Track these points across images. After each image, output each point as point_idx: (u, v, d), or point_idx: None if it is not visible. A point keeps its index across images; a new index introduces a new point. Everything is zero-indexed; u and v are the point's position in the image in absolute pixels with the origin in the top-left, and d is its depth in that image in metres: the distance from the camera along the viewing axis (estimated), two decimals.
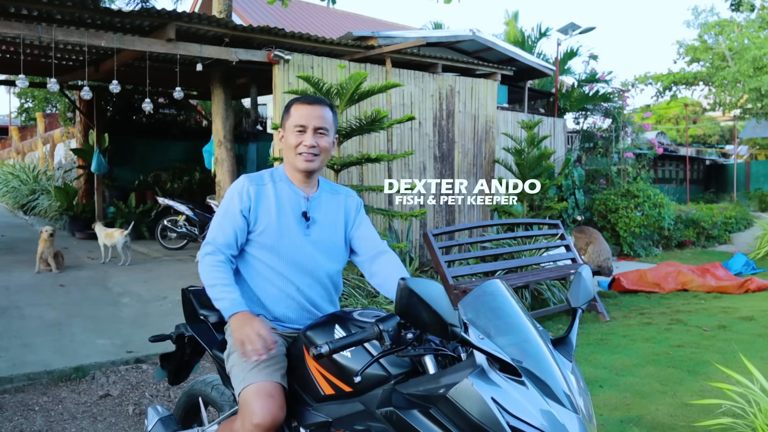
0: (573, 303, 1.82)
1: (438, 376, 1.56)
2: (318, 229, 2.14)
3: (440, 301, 1.45)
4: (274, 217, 2.09)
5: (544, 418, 1.42)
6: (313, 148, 2.10)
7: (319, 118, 2.11)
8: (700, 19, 21.73)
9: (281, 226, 2.08)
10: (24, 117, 20.44)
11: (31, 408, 3.78)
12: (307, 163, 2.11)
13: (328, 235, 2.17)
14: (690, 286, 7.54)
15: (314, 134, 2.11)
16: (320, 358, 1.59)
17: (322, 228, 2.15)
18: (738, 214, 13.16)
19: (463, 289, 5.37)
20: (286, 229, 2.09)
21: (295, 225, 2.10)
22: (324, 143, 2.13)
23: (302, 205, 2.14)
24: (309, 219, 2.12)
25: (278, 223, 2.08)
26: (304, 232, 2.11)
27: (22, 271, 7.43)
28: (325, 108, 2.14)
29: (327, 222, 2.17)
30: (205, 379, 2.61)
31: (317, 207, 2.17)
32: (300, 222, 2.11)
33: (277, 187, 2.14)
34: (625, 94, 12.05)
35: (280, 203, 2.11)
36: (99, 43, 5.73)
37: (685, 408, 3.68)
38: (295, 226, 2.10)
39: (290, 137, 2.13)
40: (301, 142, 2.10)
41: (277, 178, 2.17)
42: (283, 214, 2.10)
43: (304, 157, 2.10)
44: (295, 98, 2.19)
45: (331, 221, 2.19)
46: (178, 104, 12.29)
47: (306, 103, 2.13)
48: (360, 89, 5.60)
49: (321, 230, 2.15)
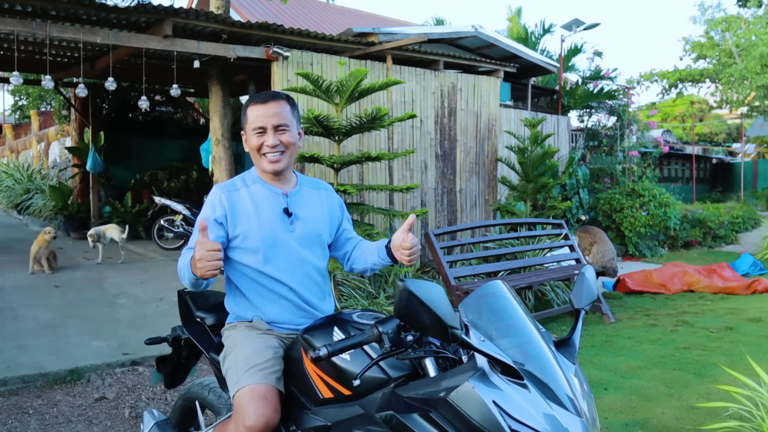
0: (576, 304, 1.80)
1: (438, 379, 1.55)
2: (302, 224, 2.12)
3: (440, 303, 1.44)
4: (254, 220, 2.06)
5: (546, 421, 1.41)
6: (276, 146, 2.08)
7: (276, 115, 2.08)
8: (706, 15, 21.62)
9: (263, 228, 2.06)
10: (18, 115, 20.47)
11: (26, 411, 3.75)
12: (274, 164, 2.09)
13: (313, 229, 2.15)
14: (696, 287, 7.51)
15: (275, 132, 2.08)
16: (319, 360, 1.58)
17: (306, 223, 2.14)
18: (745, 213, 13.08)
19: (465, 290, 5.34)
20: (269, 229, 2.07)
21: (278, 223, 2.09)
22: (287, 138, 2.10)
23: (282, 202, 2.12)
24: (291, 215, 2.11)
25: (260, 225, 2.06)
26: (288, 229, 2.09)
27: (17, 272, 7.39)
28: (281, 103, 2.10)
29: (310, 217, 2.16)
30: (201, 382, 2.59)
31: (298, 202, 2.15)
32: (282, 219, 2.09)
33: (250, 190, 2.12)
34: (630, 91, 12.00)
35: (257, 205, 2.09)
36: (94, 39, 5.69)
37: (692, 411, 3.66)
38: (278, 225, 2.09)
39: (252, 140, 2.11)
40: (262, 143, 2.08)
41: (250, 181, 2.15)
42: (263, 215, 2.08)
43: (269, 158, 2.09)
44: (249, 99, 2.16)
45: (314, 216, 2.17)
46: (175, 102, 12.17)
47: (260, 103, 2.10)
48: (360, 86, 5.57)
49: (305, 225, 2.13)
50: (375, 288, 6.16)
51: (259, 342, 2.04)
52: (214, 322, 2.37)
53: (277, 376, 1.97)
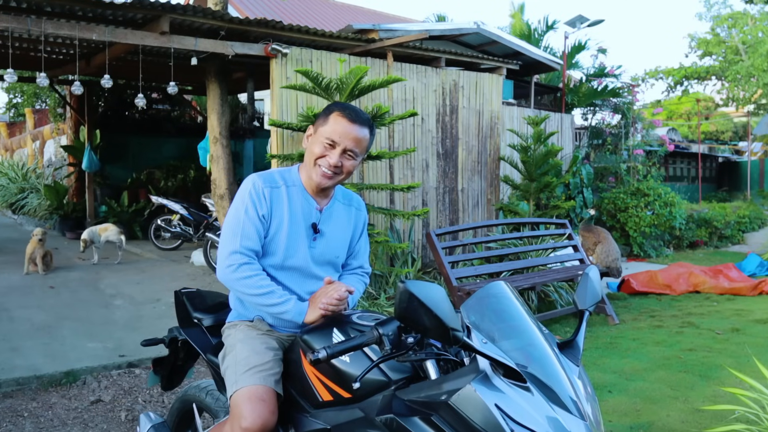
0: (580, 305, 1.79)
1: (440, 381, 1.54)
2: (324, 242, 2.10)
3: (441, 305, 1.43)
4: (284, 224, 2.04)
5: (549, 425, 1.40)
6: (337, 168, 2.01)
7: (355, 140, 2.01)
8: (712, 12, 21.58)
9: (290, 235, 2.04)
10: (12, 113, 20.45)
11: (20, 414, 3.73)
12: (323, 179, 2.03)
13: (332, 249, 2.14)
14: (702, 288, 7.48)
15: (342, 154, 2.01)
16: (318, 363, 1.58)
17: (328, 242, 2.12)
18: (752, 213, 13.04)
19: (467, 291, 5.31)
20: (294, 238, 2.05)
21: (303, 236, 2.07)
22: (349, 165, 2.04)
23: (313, 216, 2.09)
24: (318, 231, 2.08)
25: (288, 231, 2.04)
26: (309, 244, 2.07)
27: (11, 273, 7.34)
28: (365, 129, 2.04)
29: (334, 236, 2.14)
30: (199, 385, 2.57)
31: (328, 219, 2.13)
32: (308, 233, 2.07)
33: (290, 192, 2.07)
34: (635, 89, 12.02)
35: (292, 210, 2.06)
36: (90, 36, 5.66)
37: (697, 414, 3.65)
38: (303, 237, 2.07)
39: (316, 146, 2.03)
40: (325, 156, 2.01)
41: (290, 182, 2.09)
42: (294, 223, 2.05)
43: (322, 172, 2.02)
44: (339, 105, 2.06)
45: (338, 236, 2.15)
46: (172, 99, 12.06)
47: (348, 119, 2.00)
48: (360, 84, 5.56)
49: (326, 244, 2.11)
50: (375, 289, 6.13)
51: (259, 343, 2.03)
52: (211, 323, 2.36)
53: (275, 379, 1.97)
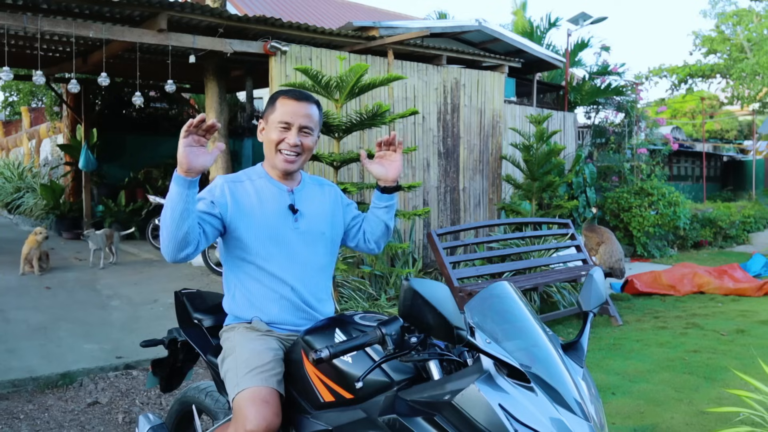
0: (584, 306, 1.79)
1: (443, 381, 1.54)
2: (306, 221, 2.12)
3: (446, 303, 1.43)
4: (258, 213, 2.06)
5: (553, 426, 1.40)
6: (296, 147, 2.08)
7: (306, 116, 2.09)
8: (717, 9, 21.52)
9: (267, 223, 2.06)
10: (8, 111, 20.45)
11: (16, 416, 3.71)
12: (287, 164, 2.09)
13: (316, 226, 2.15)
14: (706, 289, 7.44)
15: (299, 132, 2.08)
16: (320, 363, 1.57)
17: (311, 219, 2.13)
18: (757, 213, 13.03)
19: (469, 292, 5.28)
20: (273, 225, 2.06)
21: (282, 219, 2.08)
22: (308, 142, 2.11)
23: (287, 199, 2.12)
24: (296, 211, 2.10)
25: (264, 219, 2.06)
26: (292, 226, 2.09)
27: (6, 273, 7.32)
28: (313, 106, 2.12)
29: (315, 213, 2.16)
30: (198, 386, 2.57)
31: (303, 199, 2.15)
32: (287, 216, 2.09)
33: (255, 183, 2.12)
34: (638, 87, 11.96)
35: (262, 199, 2.09)
36: (87, 33, 5.65)
37: (702, 416, 3.64)
38: (282, 221, 2.08)
39: (272, 133, 2.10)
40: (283, 139, 2.08)
41: (255, 176, 2.15)
42: (268, 210, 2.08)
43: (284, 156, 2.08)
44: (281, 91, 2.16)
45: (319, 212, 2.17)
46: (169, 98, 11.99)
47: (293, 99, 2.10)
48: (361, 82, 5.50)
49: (309, 222, 2.13)
50: (376, 289, 6.10)
51: (259, 344, 2.02)
52: (212, 324, 2.35)
53: (277, 379, 1.96)
